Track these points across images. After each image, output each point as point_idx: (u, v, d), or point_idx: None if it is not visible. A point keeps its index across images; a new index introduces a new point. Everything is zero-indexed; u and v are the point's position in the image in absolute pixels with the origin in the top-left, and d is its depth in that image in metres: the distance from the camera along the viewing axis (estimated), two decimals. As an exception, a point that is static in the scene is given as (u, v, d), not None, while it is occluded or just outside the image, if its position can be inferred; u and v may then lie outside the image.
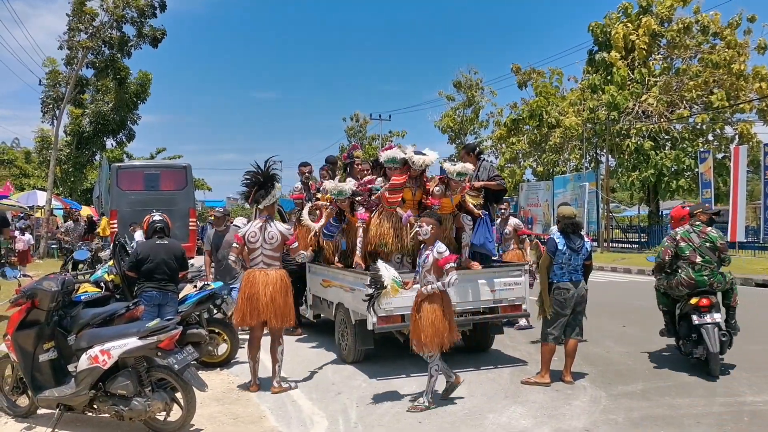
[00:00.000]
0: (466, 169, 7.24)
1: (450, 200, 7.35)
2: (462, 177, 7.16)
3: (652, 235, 28.45)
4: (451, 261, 5.79)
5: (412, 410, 5.73)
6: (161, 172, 18.64)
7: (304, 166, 9.32)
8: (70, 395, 5.14)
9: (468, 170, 7.30)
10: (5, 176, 37.97)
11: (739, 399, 6.04)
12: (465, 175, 7.31)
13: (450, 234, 7.52)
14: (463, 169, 7.18)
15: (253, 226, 6.64)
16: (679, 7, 27.78)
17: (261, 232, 6.52)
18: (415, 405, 5.80)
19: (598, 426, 5.36)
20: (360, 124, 50.05)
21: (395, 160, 7.47)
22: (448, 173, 7.15)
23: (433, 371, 5.86)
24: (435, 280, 5.81)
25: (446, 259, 5.77)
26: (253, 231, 6.56)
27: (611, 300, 12.46)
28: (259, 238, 6.51)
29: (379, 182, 7.79)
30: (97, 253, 12.92)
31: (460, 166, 7.20)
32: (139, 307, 5.95)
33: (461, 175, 7.20)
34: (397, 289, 5.82)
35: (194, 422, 5.24)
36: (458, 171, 7.15)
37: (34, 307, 5.31)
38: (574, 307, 6.64)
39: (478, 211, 7.51)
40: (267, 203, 6.70)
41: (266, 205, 6.70)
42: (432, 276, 5.84)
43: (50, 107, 25.70)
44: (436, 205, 7.17)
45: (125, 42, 24.29)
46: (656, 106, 26.78)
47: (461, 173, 7.19)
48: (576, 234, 6.72)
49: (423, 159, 7.27)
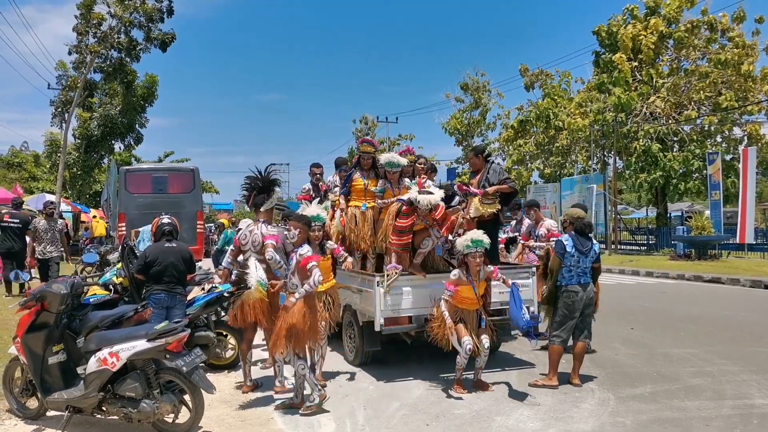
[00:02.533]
0: (399, 160, 7.57)
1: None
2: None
3: (660, 237, 28.31)
4: (312, 261, 5.77)
5: (305, 411, 5.74)
6: (169, 175, 18.70)
7: (316, 167, 9.26)
8: (79, 397, 5.16)
9: (400, 162, 7.59)
10: (15, 180, 38.24)
11: (748, 402, 6.01)
12: (398, 166, 7.57)
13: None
14: (394, 159, 7.53)
15: (245, 229, 6.73)
16: (686, 9, 27.71)
17: (251, 236, 6.61)
18: (307, 406, 5.80)
19: (606, 429, 5.34)
20: (368, 126, 50.16)
21: (395, 164, 7.56)
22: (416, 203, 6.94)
23: (299, 370, 5.83)
24: (299, 284, 5.80)
25: (307, 259, 5.78)
26: (244, 234, 6.68)
27: (619, 302, 12.42)
28: (249, 241, 6.59)
29: (381, 184, 7.75)
30: (105, 256, 12.97)
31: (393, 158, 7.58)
32: (148, 310, 5.98)
33: (391, 165, 7.51)
34: (261, 291, 5.84)
35: (202, 424, 5.26)
36: (389, 161, 7.50)
37: (43, 310, 5.34)
38: (582, 309, 6.63)
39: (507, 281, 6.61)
40: (266, 207, 6.77)
41: (266, 209, 6.76)
42: (296, 279, 5.85)
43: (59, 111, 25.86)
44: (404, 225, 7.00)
45: (134, 46, 24.43)
46: (664, 107, 26.69)
47: (392, 163, 7.50)
48: (585, 236, 6.71)
49: (429, 199, 6.93)
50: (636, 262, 22.05)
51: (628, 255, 25.97)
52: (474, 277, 6.33)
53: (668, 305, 12.46)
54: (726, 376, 6.87)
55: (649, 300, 13.34)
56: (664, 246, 27.05)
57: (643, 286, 16.39)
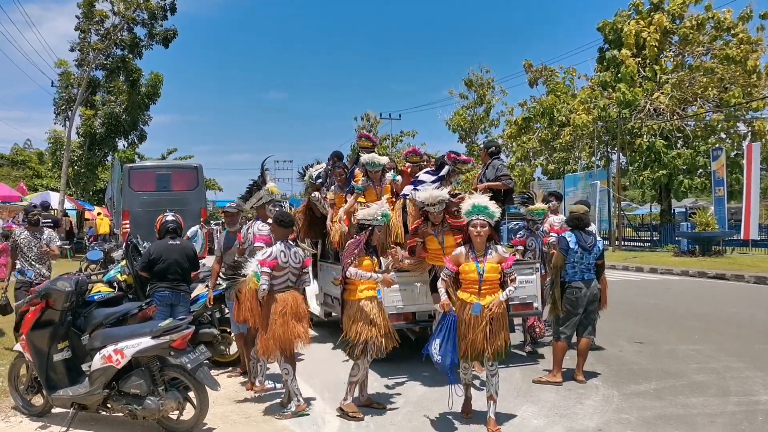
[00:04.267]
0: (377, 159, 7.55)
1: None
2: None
3: (664, 234, 28.28)
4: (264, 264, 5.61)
5: (280, 417, 5.62)
6: (173, 172, 18.74)
7: (338, 158, 8.74)
8: (84, 394, 5.18)
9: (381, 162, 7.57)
10: (19, 177, 38.35)
11: (753, 398, 5.99)
12: (379, 165, 7.52)
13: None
14: (374, 159, 7.54)
15: (244, 228, 6.78)
16: (691, 4, 27.62)
17: (248, 234, 6.67)
18: (282, 412, 5.71)
19: (610, 425, 5.33)
20: (371, 123, 50.15)
21: (375, 164, 7.55)
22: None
23: (283, 375, 5.78)
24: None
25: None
26: (244, 233, 6.74)
27: (624, 299, 12.40)
28: (247, 239, 6.66)
29: (363, 182, 7.74)
30: (109, 254, 13.00)
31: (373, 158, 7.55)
32: (152, 307, 5.99)
33: (372, 165, 7.48)
34: (256, 283, 5.62)
35: (207, 421, 5.26)
36: (369, 161, 7.47)
37: (48, 307, 5.36)
38: (586, 306, 6.62)
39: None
40: (251, 205, 6.86)
41: (255, 206, 6.82)
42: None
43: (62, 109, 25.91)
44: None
45: (136, 43, 24.46)
46: (668, 103, 26.62)
47: (373, 163, 7.48)
48: (586, 231, 6.70)
49: (430, 196, 6.46)
50: (640, 258, 22.02)
51: (631, 251, 25.93)
52: (478, 253, 5.32)
53: (672, 302, 12.44)
54: (731, 373, 6.86)
55: (653, 296, 13.32)
56: (668, 242, 27.01)
57: (647, 282, 16.37)
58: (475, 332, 5.15)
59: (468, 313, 5.19)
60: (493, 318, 5.16)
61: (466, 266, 5.28)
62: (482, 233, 5.24)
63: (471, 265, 5.26)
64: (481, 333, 5.13)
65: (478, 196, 5.55)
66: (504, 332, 5.23)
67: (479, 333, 5.14)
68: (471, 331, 5.17)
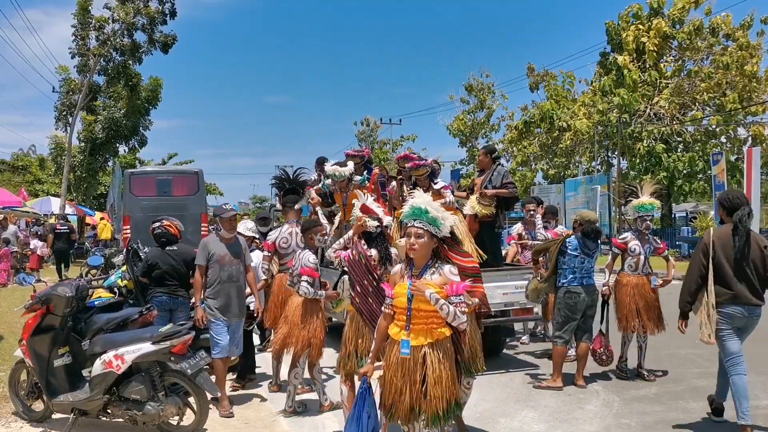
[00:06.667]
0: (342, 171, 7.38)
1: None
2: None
3: (664, 238, 28.24)
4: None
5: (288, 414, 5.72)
6: (173, 177, 18.71)
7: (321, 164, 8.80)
8: (85, 400, 5.18)
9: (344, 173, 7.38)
10: (20, 183, 38.39)
11: (754, 402, 5.98)
12: (342, 177, 7.37)
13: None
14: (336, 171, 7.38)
15: (284, 232, 6.69)
16: (692, 9, 27.67)
17: (293, 238, 6.57)
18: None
19: (611, 430, 5.34)
20: (371, 128, 50.16)
21: (338, 176, 7.41)
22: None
23: (291, 377, 5.83)
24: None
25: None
26: (284, 237, 6.62)
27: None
28: (291, 243, 6.57)
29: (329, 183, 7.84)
30: (110, 259, 13.01)
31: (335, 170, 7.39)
32: (152, 312, 5.99)
33: (335, 177, 7.33)
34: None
35: (207, 426, 5.27)
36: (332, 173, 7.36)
37: (48, 313, 5.36)
38: (584, 311, 6.63)
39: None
40: (299, 206, 7.07)
41: (296, 209, 7.02)
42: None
43: (63, 114, 25.96)
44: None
45: (136, 48, 24.51)
46: (668, 108, 26.66)
47: (335, 175, 7.34)
48: (593, 240, 6.73)
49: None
50: (640, 263, 21.96)
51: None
52: (415, 271, 3.79)
53: (673, 306, 12.39)
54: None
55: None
56: (668, 246, 26.97)
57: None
58: (403, 381, 3.65)
59: (396, 353, 3.72)
60: (434, 367, 3.61)
61: (398, 288, 3.83)
62: (417, 245, 3.72)
63: (402, 287, 3.78)
64: (411, 384, 3.63)
65: (420, 196, 3.94)
66: (451, 388, 3.65)
67: (407, 383, 3.64)
68: (397, 378, 3.68)
